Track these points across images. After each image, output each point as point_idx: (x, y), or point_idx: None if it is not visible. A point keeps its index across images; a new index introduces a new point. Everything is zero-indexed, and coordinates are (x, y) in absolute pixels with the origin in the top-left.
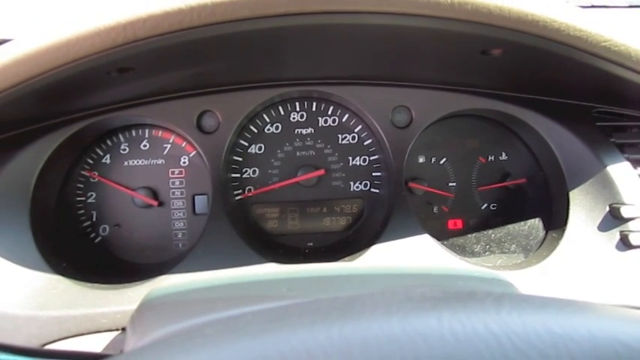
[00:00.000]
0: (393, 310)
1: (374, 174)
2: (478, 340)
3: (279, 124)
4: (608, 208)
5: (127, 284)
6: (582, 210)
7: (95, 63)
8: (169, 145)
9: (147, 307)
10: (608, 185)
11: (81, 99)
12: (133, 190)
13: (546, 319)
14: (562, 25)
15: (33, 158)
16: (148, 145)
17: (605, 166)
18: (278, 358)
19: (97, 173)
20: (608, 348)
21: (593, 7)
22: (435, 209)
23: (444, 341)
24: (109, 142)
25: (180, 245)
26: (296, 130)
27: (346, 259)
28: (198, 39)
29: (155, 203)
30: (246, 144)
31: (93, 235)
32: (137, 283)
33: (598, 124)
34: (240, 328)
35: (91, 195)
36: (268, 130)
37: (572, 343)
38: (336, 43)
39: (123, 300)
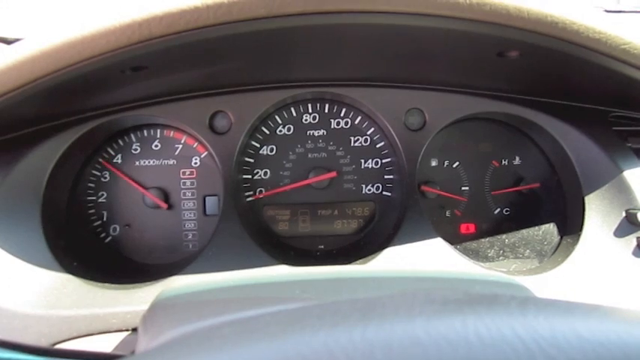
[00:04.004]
0: (415, 313)
1: (386, 177)
2: (505, 344)
3: (291, 126)
4: (624, 214)
5: (137, 284)
6: (598, 215)
7: (110, 61)
8: (181, 146)
9: (159, 308)
10: (624, 190)
11: (94, 98)
12: (142, 195)
13: (574, 323)
14: (581, 27)
15: (45, 157)
16: (159, 146)
17: (622, 171)
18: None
19: (112, 167)
20: (639, 354)
21: (607, 12)
22: (448, 213)
23: (469, 345)
24: (120, 142)
25: (190, 246)
26: (308, 132)
27: (358, 262)
28: (213, 38)
29: (165, 206)
30: (258, 145)
31: (103, 234)
32: (148, 283)
33: (614, 128)
34: (259, 330)
35: (102, 194)
36: (280, 131)
37: (601, 348)
38: (350, 44)
39: (133, 300)
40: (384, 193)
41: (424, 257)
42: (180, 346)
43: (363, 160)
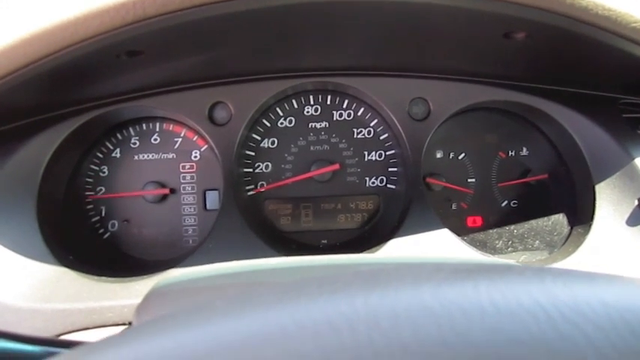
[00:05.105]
0: (423, 279)
1: (390, 169)
2: (523, 311)
3: (292, 118)
4: (636, 202)
5: (134, 278)
6: (609, 204)
7: (104, 43)
8: (180, 139)
9: (153, 297)
10: (636, 178)
11: (90, 86)
12: (141, 189)
13: (597, 289)
14: (590, 4)
15: (41, 149)
16: (158, 139)
17: (633, 159)
18: (297, 330)
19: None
20: None
21: None
22: (454, 206)
23: (483, 313)
24: (119, 136)
25: (190, 241)
26: (310, 124)
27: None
28: (209, 18)
29: (167, 191)
30: (259, 138)
31: (102, 230)
32: (145, 276)
33: (624, 115)
34: (253, 299)
35: (100, 190)
36: (282, 124)
37: (629, 314)
38: (352, 28)
39: (130, 294)
40: (388, 185)
41: (430, 249)
42: (169, 318)
43: (366, 153)
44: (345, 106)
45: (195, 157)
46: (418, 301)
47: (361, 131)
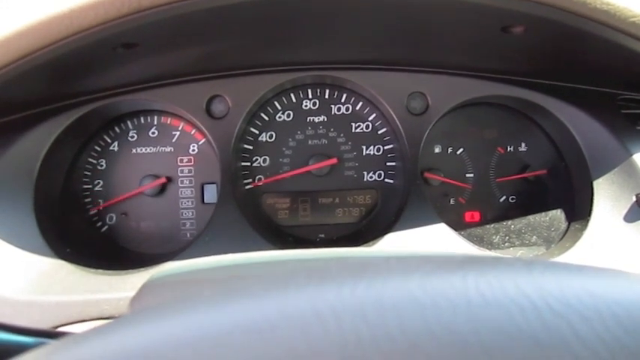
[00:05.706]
0: (411, 269)
1: (388, 164)
2: (509, 301)
3: (290, 112)
4: (634, 198)
5: (130, 270)
6: (607, 200)
7: (100, 36)
8: (178, 133)
9: (147, 289)
10: (634, 174)
11: (87, 79)
12: (139, 183)
13: (585, 281)
14: None
15: (38, 142)
16: (156, 133)
17: (631, 155)
18: (282, 320)
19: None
20: None
21: None
22: (452, 201)
23: (470, 303)
24: (116, 129)
25: (188, 235)
26: (308, 118)
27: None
28: (205, 9)
29: (164, 180)
30: (257, 132)
31: (99, 223)
32: (142, 269)
33: (623, 111)
34: (240, 289)
35: (98, 183)
36: (279, 117)
37: (617, 306)
38: (350, 21)
39: (126, 286)
40: (386, 180)
41: (427, 242)
42: (155, 310)
43: (364, 147)
44: (343, 100)
45: (193, 150)
46: (405, 292)
47: (359, 125)
